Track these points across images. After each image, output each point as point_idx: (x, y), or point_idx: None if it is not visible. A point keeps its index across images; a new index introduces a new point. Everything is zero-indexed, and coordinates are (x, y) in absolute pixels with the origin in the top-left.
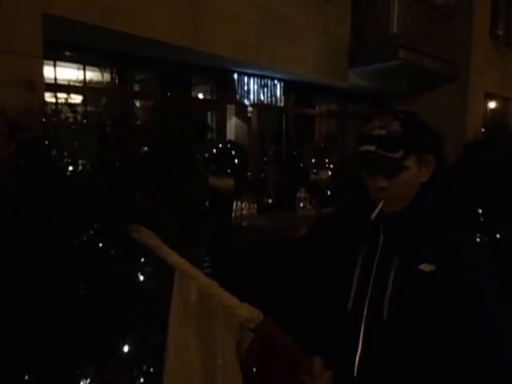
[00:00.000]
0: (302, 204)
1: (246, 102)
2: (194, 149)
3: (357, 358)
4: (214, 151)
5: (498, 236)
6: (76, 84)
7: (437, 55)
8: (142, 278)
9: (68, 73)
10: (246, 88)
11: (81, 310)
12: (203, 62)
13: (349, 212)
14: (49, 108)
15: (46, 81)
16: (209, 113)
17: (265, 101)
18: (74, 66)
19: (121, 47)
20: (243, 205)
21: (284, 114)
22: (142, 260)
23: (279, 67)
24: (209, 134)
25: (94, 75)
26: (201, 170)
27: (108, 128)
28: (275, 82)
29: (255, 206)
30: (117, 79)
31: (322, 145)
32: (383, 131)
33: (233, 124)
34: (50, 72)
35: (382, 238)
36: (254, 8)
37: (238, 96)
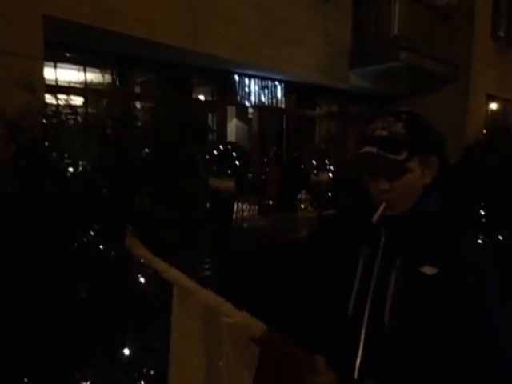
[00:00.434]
0: (302, 205)
1: (246, 103)
2: (194, 150)
3: (357, 362)
4: (215, 152)
5: (501, 238)
6: (77, 85)
7: (438, 56)
8: (142, 280)
9: (68, 74)
10: (246, 89)
11: (81, 311)
12: (204, 64)
13: (350, 214)
14: (49, 109)
15: (47, 82)
16: (209, 114)
17: (265, 102)
18: (75, 67)
19: (121, 49)
20: (244, 206)
21: (285, 116)
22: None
23: (280, 68)
24: (209, 136)
25: (94, 77)
26: (201, 172)
27: (108, 129)
28: (276, 83)
29: (256, 207)
30: (117, 81)
31: (323, 146)
32: (385, 132)
33: (233, 125)
34: (50, 73)
35: (383, 240)
36: (255, 9)
37: (238, 97)
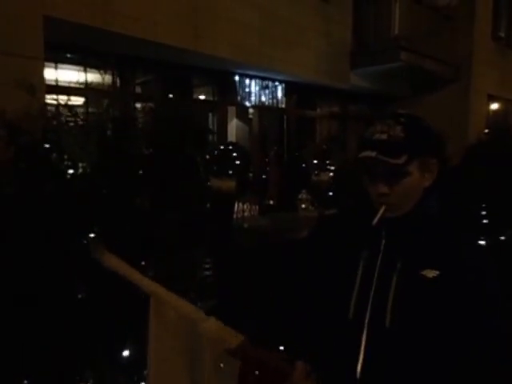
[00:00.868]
0: (303, 205)
1: (247, 103)
2: (194, 151)
3: (359, 364)
4: (216, 153)
5: (503, 238)
6: (77, 86)
7: (438, 57)
8: None
9: (69, 75)
10: (247, 90)
11: (80, 312)
12: (204, 64)
13: (351, 215)
14: (49, 110)
15: (47, 83)
16: (210, 114)
17: (266, 102)
18: (75, 68)
19: (122, 49)
20: (244, 206)
21: (285, 116)
22: (143, 263)
23: (280, 69)
24: (210, 136)
25: (95, 77)
26: (202, 172)
27: (109, 130)
28: (276, 83)
29: (256, 207)
30: (118, 81)
31: (324, 146)
32: (384, 136)
33: (234, 126)
34: (50, 74)
35: (383, 242)
36: (255, 10)
37: (239, 98)
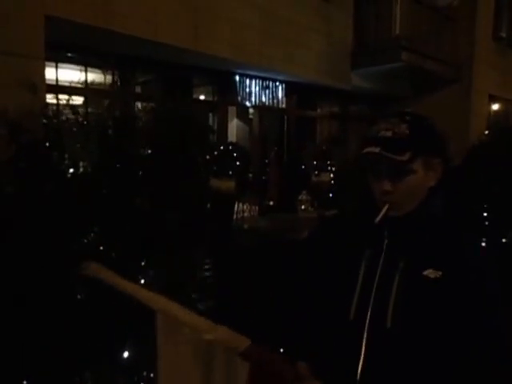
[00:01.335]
0: (303, 206)
1: (247, 103)
2: (195, 151)
3: (359, 366)
4: (215, 153)
5: (504, 240)
6: (77, 86)
7: (439, 57)
8: (142, 281)
9: (69, 74)
10: (247, 90)
11: (80, 313)
12: (204, 64)
13: (352, 215)
14: (50, 110)
15: (47, 82)
16: (210, 114)
17: (266, 102)
18: (76, 67)
19: (122, 49)
20: (244, 207)
21: (285, 116)
22: (143, 263)
23: (280, 69)
24: (210, 136)
25: (95, 77)
26: (202, 172)
27: (109, 130)
28: (277, 83)
29: (256, 207)
30: (118, 81)
31: (324, 147)
32: (389, 133)
33: (234, 126)
34: (51, 73)
35: (386, 242)
36: (256, 10)
37: (239, 98)
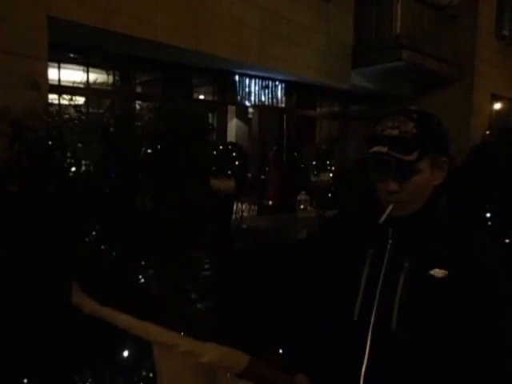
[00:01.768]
0: (302, 206)
1: (247, 103)
2: (197, 149)
3: (363, 367)
4: (215, 152)
5: (507, 241)
6: (79, 85)
7: (441, 56)
8: (143, 280)
9: (71, 74)
10: (247, 89)
11: (80, 313)
12: (205, 64)
13: (355, 215)
14: (52, 109)
15: (50, 82)
16: (210, 114)
17: (266, 102)
18: (78, 67)
19: (123, 49)
20: (243, 206)
21: (285, 116)
22: (143, 263)
23: (281, 68)
24: (210, 136)
25: (96, 77)
26: (202, 172)
27: (111, 129)
28: (276, 83)
29: (255, 207)
30: (119, 81)
31: (324, 147)
32: (396, 132)
33: (234, 125)
34: (53, 73)
35: (390, 242)
36: (256, 10)
37: (239, 97)
